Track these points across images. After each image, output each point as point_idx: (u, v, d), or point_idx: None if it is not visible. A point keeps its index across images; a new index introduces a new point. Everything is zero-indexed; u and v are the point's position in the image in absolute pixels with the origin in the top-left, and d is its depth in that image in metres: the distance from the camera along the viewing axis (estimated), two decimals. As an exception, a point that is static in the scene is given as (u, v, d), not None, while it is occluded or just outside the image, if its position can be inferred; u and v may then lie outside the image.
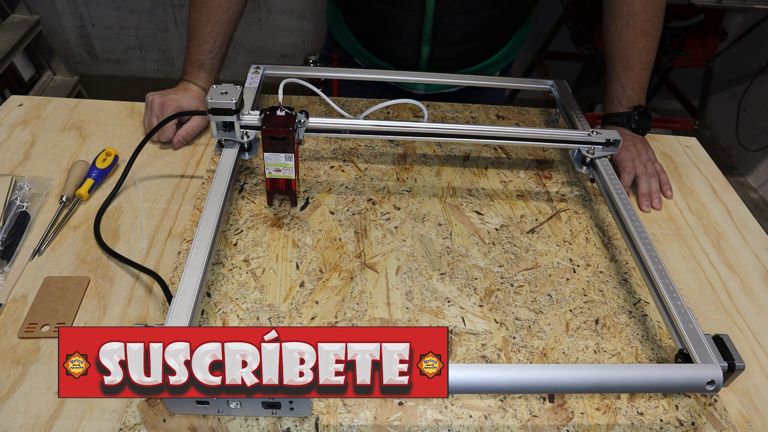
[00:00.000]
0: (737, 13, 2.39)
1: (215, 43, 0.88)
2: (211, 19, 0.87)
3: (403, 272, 0.70)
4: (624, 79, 0.89)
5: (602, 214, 0.82)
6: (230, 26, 0.90)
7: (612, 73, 0.91)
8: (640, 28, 0.87)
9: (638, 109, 0.88)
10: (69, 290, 0.63)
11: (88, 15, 2.50)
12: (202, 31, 0.87)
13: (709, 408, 0.59)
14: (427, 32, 0.93)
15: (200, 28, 0.87)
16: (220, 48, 0.89)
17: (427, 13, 0.90)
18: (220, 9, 0.87)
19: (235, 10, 0.89)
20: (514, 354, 0.62)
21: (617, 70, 0.90)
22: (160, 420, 0.53)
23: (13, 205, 0.72)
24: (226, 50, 0.91)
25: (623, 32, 0.88)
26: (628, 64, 0.88)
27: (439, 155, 0.90)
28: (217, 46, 0.88)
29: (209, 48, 0.88)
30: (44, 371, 0.55)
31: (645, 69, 0.89)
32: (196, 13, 0.87)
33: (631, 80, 0.89)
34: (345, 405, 0.55)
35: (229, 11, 0.88)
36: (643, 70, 0.89)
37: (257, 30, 2.58)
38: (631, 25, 0.87)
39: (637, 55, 0.88)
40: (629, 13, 0.87)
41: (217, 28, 0.87)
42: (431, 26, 0.92)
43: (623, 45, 0.88)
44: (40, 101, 0.93)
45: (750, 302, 0.72)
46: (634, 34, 0.87)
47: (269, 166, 0.72)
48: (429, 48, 0.96)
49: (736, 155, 2.57)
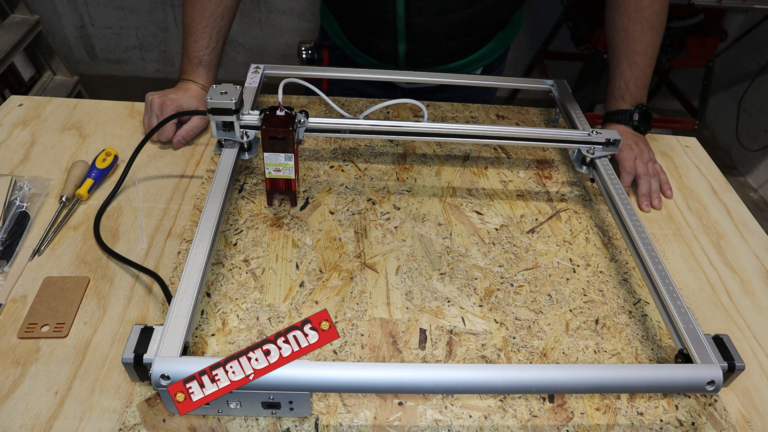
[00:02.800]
0: (737, 13, 2.39)
1: (211, 38, 0.88)
2: (204, 14, 0.87)
3: (403, 272, 0.70)
4: (628, 74, 0.88)
5: (602, 214, 0.82)
6: (224, 20, 0.90)
7: (616, 68, 0.90)
8: (647, 23, 0.86)
9: (640, 108, 0.88)
10: (69, 290, 0.63)
11: (88, 15, 2.50)
12: (197, 27, 0.88)
13: (709, 408, 0.59)
14: (401, 30, 0.93)
15: (195, 24, 0.88)
16: (216, 43, 0.89)
17: (398, 13, 0.90)
18: (212, 3, 0.87)
19: (228, 4, 0.89)
20: (514, 354, 0.62)
21: (622, 66, 0.89)
22: (159, 420, 0.52)
23: (13, 205, 0.72)
24: (222, 45, 0.91)
25: (630, 27, 0.87)
26: (633, 59, 0.88)
27: (439, 155, 0.90)
28: (213, 41, 0.89)
29: (205, 43, 0.88)
30: (44, 371, 0.55)
31: (649, 65, 0.88)
32: (189, 9, 0.88)
33: (635, 76, 0.88)
34: (345, 405, 0.55)
35: (221, 4, 0.88)
36: (648, 66, 0.88)
37: (257, 30, 2.58)
38: (638, 19, 0.86)
39: (643, 50, 0.87)
40: (636, 8, 0.86)
41: (212, 22, 0.88)
42: (404, 25, 0.92)
43: (629, 40, 0.87)
44: (40, 101, 0.93)
45: (750, 302, 0.72)
46: (641, 29, 0.86)
47: (269, 166, 0.72)
48: (405, 45, 0.96)
49: (736, 155, 2.57)
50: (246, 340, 0.60)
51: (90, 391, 0.54)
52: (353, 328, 0.62)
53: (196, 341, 0.59)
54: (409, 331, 0.63)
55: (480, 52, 1.03)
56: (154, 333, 0.51)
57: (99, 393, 0.54)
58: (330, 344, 0.61)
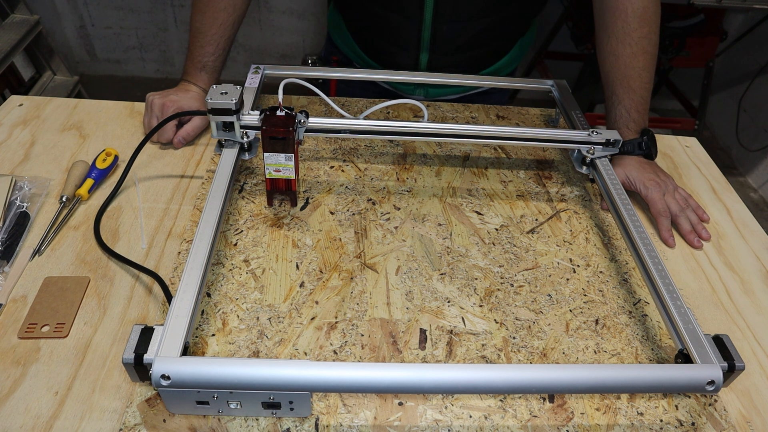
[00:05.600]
0: (737, 13, 2.39)
1: (218, 45, 0.88)
2: (215, 22, 0.87)
3: (403, 272, 0.70)
4: (627, 101, 0.84)
5: (602, 214, 0.82)
6: (234, 29, 0.89)
7: (613, 96, 0.86)
8: (637, 46, 0.83)
9: (646, 133, 0.84)
10: (69, 290, 0.63)
11: (88, 15, 2.50)
12: (206, 33, 0.87)
13: (709, 408, 0.59)
14: (426, 39, 0.93)
15: (204, 30, 0.87)
16: (222, 50, 0.89)
17: (425, 20, 0.90)
18: (225, 12, 0.87)
19: (239, 13, 0.89)
20: (514, 354, 0.62)
21: (618, 93, 0.85)
22: (160, 420, 0.53)
23: (13, 205, 0.72)
24: (228, 52, 0.91)
25: (619, 51, 0.84)
26: (628, 85, 0.84)
27: (439, 155, 0.90)
28: (220, 48, 0.88)
29: (212, 50, 0.88)
30: (44, 371, 0.55)
31: (646, 89, 0.85)
32: (199, 15, 0.87)
33: (634, 102, 0.84)
34: (345, 405, 0.55)
35: (234, 14, 0.88)
36: (645, 90, 0.84)
37: (257, 30, 2.58)
38: (628, 43, 0.83)
39: (637, 75, 0.83)
40: (624, 31, 0.83)
41: (221, 30, 0.87)
42: (429, 33, 0.92)
43: (621, 65, 0.84)
44: (40, 101, 0.93)
45: (750, 302, 0.72)
46: (631, 53, 0.83)
47: (269, 166, 0.72)
48: (428, 56, 0.96)
49: (736, 155, 2.57)
50: (246, 340, 0.60)
51: (90, 391, 0.54)
52: (353, 328, 0.63)
53: (196, 341, 0.59)
54: (409, 331, 0.63)
55: (500, 63, 1.02)
56: (155, 333, 0.51)
57: (99, 393, 0.54)
58: (330, 344, 0.61)
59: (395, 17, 0.92)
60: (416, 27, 0.91)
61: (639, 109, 0.84)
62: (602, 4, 0.85)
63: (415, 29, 0.91)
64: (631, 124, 0.84)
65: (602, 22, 0.86)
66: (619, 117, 0.85)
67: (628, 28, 0.83)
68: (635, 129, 0.84)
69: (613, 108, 0.86)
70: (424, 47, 0.94)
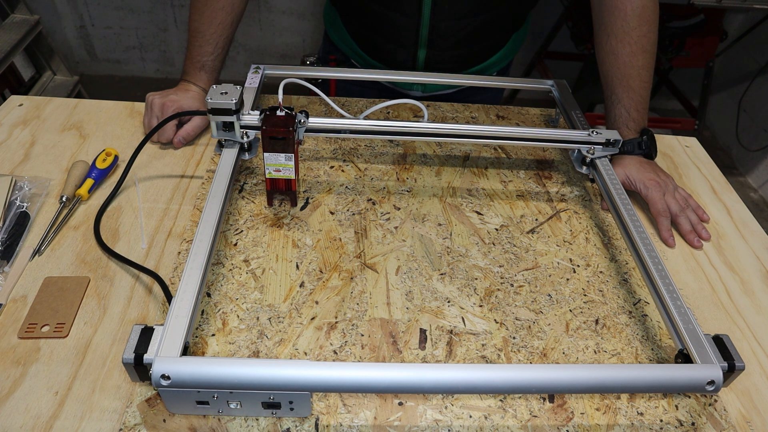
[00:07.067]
0: (737, 13, 2.39)
1: (217, 45, 0.88)
2: (213, 22, 0.87)
3: (403, 272, 0.70)
4: (626, 101, 0.84)
5: (602, 214, 0.82)
6: (232, 28, 0.90)
7: (612, 95, 0.85)
8: (636, 45, 0.82)
9: (646, 133, 0.83)
10: (69, 290, 0.63)
11: (88, 15, 2.50)
12: (205, 33, 0.87)
13: (709, 408, 0.59)
14: (424, 36, 0.93)
15: (203, 30, 0.87)
16: (221, 50, 0.89)
17: (423, 17, 0.90)
18: (223, 11, 0.87)
19: (238, 12, 0.89)
20: (514, 354, 0.62)
21: (618, 92, 0.85)
22: (160, 420, 0.53)
23: (13, 205, 0.72)
24: (227, 51, 0.91)
25: (619, 50, 0.83)
26: (628, 84, 0.84)
27: (439, 155, 0.90)
28: (218, 47, 0.88)
29: (211, 50, 0.88)
30: (44, 371, 0.55)
31: (645, 88, 0.84)
32: (198, 15, 0.87)
33: (633, 101, 0.84)
34: (345, 405, 0.55)
35: (232, 13, 0.88)
36: (644, 90, 0.84)
37: (257, 30, 2.58)
38: (627, 42, 0.83)
39: (637, 74, 0.83)
40: (623, 29, 0.83)
41: (220, 30, 0.87)
42: (428, 30, 0.92)
43: (620, 64, 0.84)
44: (40, 101, 0.93)
45: (750, 302, 0.72)
46: (630, 52, 0.83)
47: (269, 166, 0.72)
48: (425, 52, 0.96)
49: (736, 155, 2.57)
50: (246, 340, 0.60)
51: (90, 391, 0.54)
52: (353, 328, 0.63)
53: (196, 341, 0.59)
54: (409, 331, 0.63)
55: (497, 56, 1.03)
56: (155, 333, 0.51)
57: (99, 393, 0.54)
58: (330, 344, 0.61)
59: (393, 15, 0.92)
60: (414, 24, 0.91)
61: (638, 109, 0.84)
62: (601, 3, 0.85)
63: (414, 26, 0.92)
64: (631, 123, 0.84)
65: (601, 21, 0.86)
66: (619, 116, 0.85)
67: (627, 27, 0.83)
68: (635, 128, 0.84)
69: (613, 107, 0.86)
70: (422, 44, 0.95)
